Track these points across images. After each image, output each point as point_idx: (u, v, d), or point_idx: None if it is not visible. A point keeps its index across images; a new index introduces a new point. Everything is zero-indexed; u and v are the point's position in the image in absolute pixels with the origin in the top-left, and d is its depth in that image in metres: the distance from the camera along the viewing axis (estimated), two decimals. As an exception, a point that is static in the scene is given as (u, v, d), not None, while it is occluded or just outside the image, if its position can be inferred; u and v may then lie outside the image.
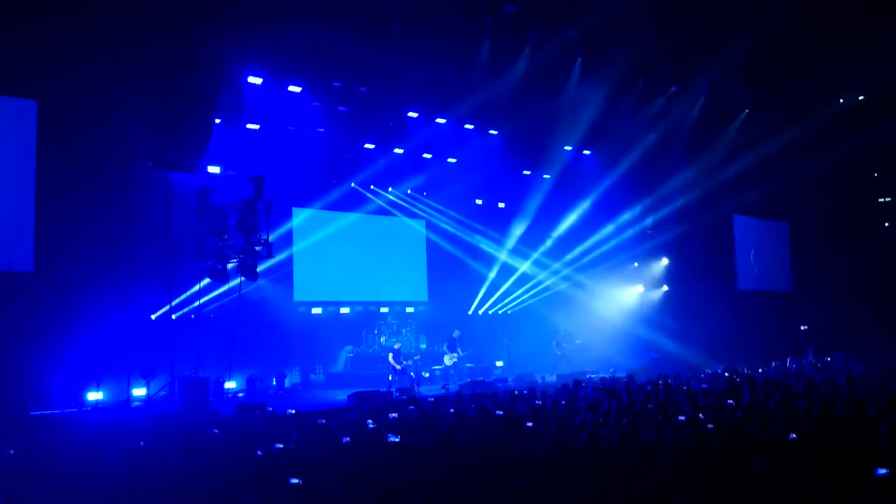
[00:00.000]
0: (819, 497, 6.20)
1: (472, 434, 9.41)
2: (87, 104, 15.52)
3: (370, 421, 10.54)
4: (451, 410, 11.66)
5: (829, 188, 27.92)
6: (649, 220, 26.41)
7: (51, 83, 15.18)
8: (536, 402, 12.23)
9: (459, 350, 21.25)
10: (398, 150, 22.26)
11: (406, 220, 23.72)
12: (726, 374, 17.31)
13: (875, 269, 27.99)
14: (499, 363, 22.30)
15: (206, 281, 16.10)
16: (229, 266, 15.62)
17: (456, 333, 21.50)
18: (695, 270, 26.54)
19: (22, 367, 14.62)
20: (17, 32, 14.51)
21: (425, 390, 18.52)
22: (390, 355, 18.85)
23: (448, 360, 21.20)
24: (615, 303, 26.17)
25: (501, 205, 25.78)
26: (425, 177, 23.21)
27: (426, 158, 22.90)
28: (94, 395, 15.76)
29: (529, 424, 9.77)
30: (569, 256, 25.92)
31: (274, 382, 19.46)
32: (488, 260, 25.04)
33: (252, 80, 18.23)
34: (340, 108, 20.44)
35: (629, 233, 26.20)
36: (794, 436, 7.81)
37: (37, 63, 14.85)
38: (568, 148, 24.90)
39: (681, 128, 25.43)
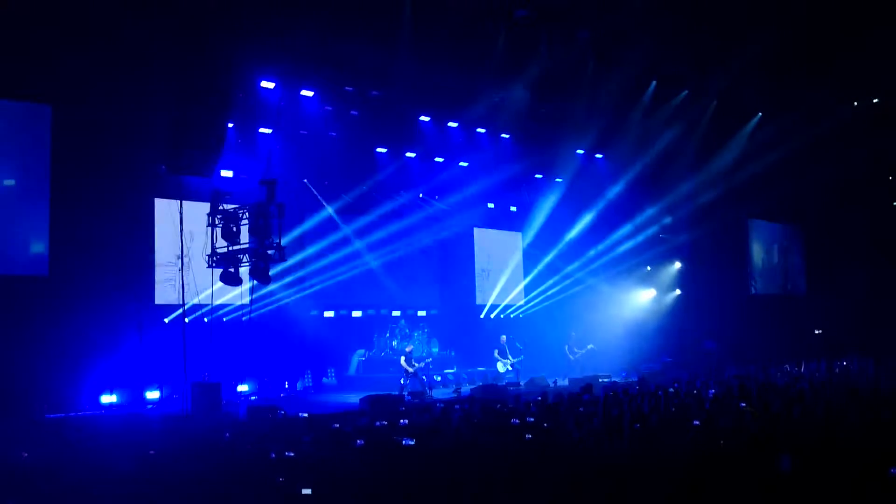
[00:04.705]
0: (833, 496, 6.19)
1: (483, 439, 9.41)
2: (102, 109, 15.62)
3: (383, 422, 10.56)
4: (461, 415, 11.66)
5: (843, 191, 27.74)
6: (662, 224, 26.32)
7: (65, 88, 15.29)
8: (548, 407, 12.20)
9: (510, 356, 21.26)
10: (410, 154, 22.29)
11: (418, 223, 23.68)
12: (739, 379, 17.21)
13: (889, 273, 27.77)
14: (509, 367, 22.19)
15: (219, 284, 16.15)
16: (242, 269, 15.65)
17: (503, 338, 21.55)
18: (708, 274, 26.42)
19: (37, 370, 14.72)
20: (32, 38, 14.61)
21: (437, 394, 18.53)
22: (402, 359, 18.85)
23: (501, 368, 21.21)
24: (628, 307, 26.08)
25: (513, 208, 25.77)
26: (437, 180, 23.21)
27: (438, 162, 22.91)
28: (107, 398, 15.84)
29: (545, 425, 9.76)
30: (581, 260, 25.85)
31: (286, 385, 19.50)
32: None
33: (265, 84, 18.29)
34: (353, 112, 20.48)
35: (642, 236, 26.12)
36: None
37: (51, 68, 14.95)
38: (580, 151, 24.86)
39: (693, 131, 25.34)
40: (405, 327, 22.48)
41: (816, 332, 28.66)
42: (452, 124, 22.31)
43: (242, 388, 18.32)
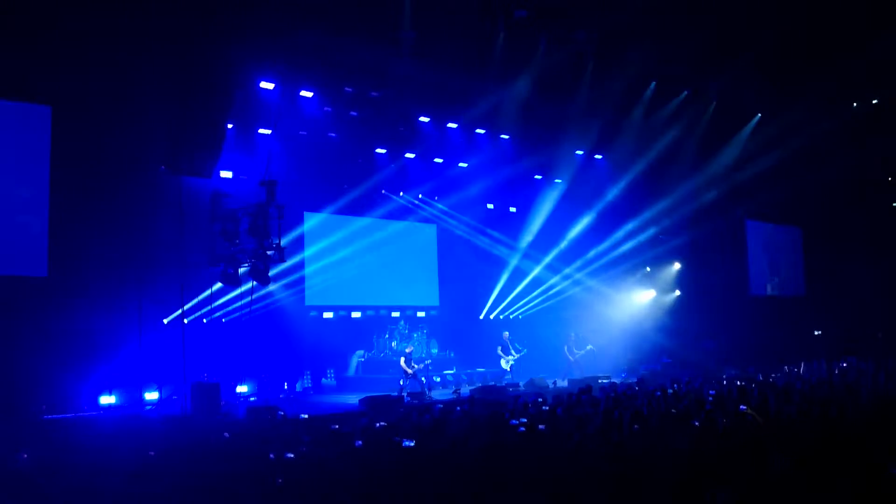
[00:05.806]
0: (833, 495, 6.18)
1: (483, 440, 9.39)
2: (101, 110, 15.63)
3: (382, 423, 10.56)
4: (461, 415, 11.65)
5: (842, 192, 27.73)
6: (661, 225, 26.31)
7: (65, 89, 15.29)
8: (547, 407, 12.19)
9: (513, 352, 21.34)
10: (410, 155, 22.29)
11: (417, 224, 23.74)
12: (739, 380, 17.21)
13: (889, 274, 27.76)
14: (511, 363, 22.23)
15: (218, 285, 16.15)
16: (241, 270, 15.65)
17: (506, 334, 21.61)
18: (707, 275, 26.40)
19: (35, 370, 14.71)
20: (32, 39, 14.61)
21: (437, 395, 18.52)
22: (402, 360, 18.85)
23: (504, 364, 21.28)
24: (627, 307, 26.07)
25: (513, 209, 25.76)
26: (437, 181, 23.22)
27: (437, 163, 22.90)
28: (106, 399, 15.83)
29: (542, 427, 9.74)
30: (580, 261, 25.85)
31: (285, 386, 19.50)
32: (500, 264, 25.01)
33: (264, 85, 18.29)
34: (352, 112, 20.47)
35: (641, 237, 26.10)
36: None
37: (51, 69, 14.95)
38: (579, 152, 24.86)
39: (693, 132, 25.34)
40: (404, 328, 22.49)
41: (816, 332, 28.66)
42: (452, 125, 22.31)
43: (242, 388, 18.31)
